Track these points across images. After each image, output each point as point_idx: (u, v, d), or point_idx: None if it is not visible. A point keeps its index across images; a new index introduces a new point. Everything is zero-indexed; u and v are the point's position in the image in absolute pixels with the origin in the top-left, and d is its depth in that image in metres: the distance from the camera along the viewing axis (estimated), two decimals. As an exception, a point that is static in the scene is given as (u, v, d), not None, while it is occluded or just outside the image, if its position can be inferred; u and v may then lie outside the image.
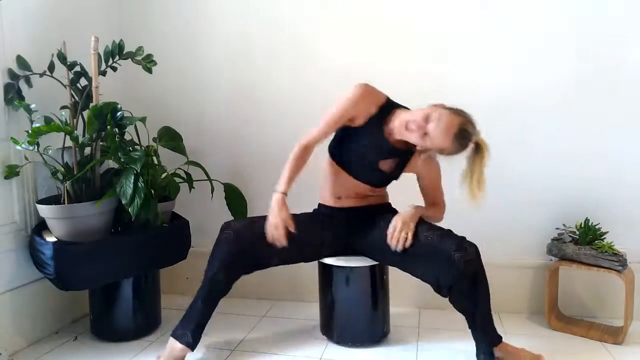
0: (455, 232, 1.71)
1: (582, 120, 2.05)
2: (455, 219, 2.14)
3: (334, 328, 1.89)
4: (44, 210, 1.78)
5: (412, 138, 1.63)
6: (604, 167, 2.05)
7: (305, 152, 1.71)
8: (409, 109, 1.73)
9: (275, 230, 1.64)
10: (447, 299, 1.67)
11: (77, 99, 1.94)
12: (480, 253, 1.65)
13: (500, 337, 1.67)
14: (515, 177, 2.12)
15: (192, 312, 1.71)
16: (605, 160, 2.05)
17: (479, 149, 1.62)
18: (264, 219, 1.69)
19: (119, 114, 1.81)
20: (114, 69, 1.98)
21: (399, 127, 1.64)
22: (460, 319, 2.08)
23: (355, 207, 1.83)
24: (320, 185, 1.89)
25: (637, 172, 2.03)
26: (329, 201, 1.86)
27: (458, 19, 2.12)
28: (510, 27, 2.08)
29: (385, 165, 1.76)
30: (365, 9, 2.19)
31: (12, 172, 1.78)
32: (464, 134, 1.59)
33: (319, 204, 1.91)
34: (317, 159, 1.78)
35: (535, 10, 2.06)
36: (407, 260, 1.70)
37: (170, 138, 2.16)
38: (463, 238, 1.66)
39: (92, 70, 1.87)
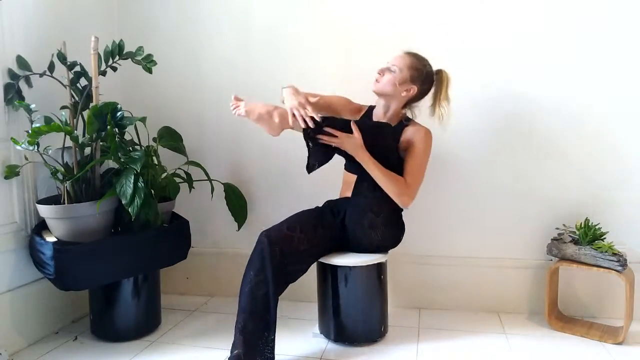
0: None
1: (582, 120, 2.05)
2: (456, 219, 2.16)
3: (332, 327, 1.88)
4: (44, 210, 1.78)
5: (382, 84, 1.80)
6: (604, 167, 2.05)
7: None
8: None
9: (302, 108, 1.64)
10: None
11: (77, 99, 1.95)
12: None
13: None
14: (515, 177, 2.12)
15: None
16: (606, 161, 2.05)
17: (440, 75, 1.83)
18: (299, 225, 1.75)
19: (119, 114, 1.81)
20: (114, 69, 1.98)
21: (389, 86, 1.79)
22: (460, 319, 2.09)
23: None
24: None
25: (637, 173, 2.03)
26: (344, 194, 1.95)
27: (457, 17, 2.11)
28: (511, 26, 2.08)
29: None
30: (365, 8, 2.20)
31: (12, 172, 1.78)
32: (417, 55, 1.82)
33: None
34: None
35: (537, 11, 2.06)
36: None
37: (170, 138, 2.16)
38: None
39: (92, 70, 1.87)
